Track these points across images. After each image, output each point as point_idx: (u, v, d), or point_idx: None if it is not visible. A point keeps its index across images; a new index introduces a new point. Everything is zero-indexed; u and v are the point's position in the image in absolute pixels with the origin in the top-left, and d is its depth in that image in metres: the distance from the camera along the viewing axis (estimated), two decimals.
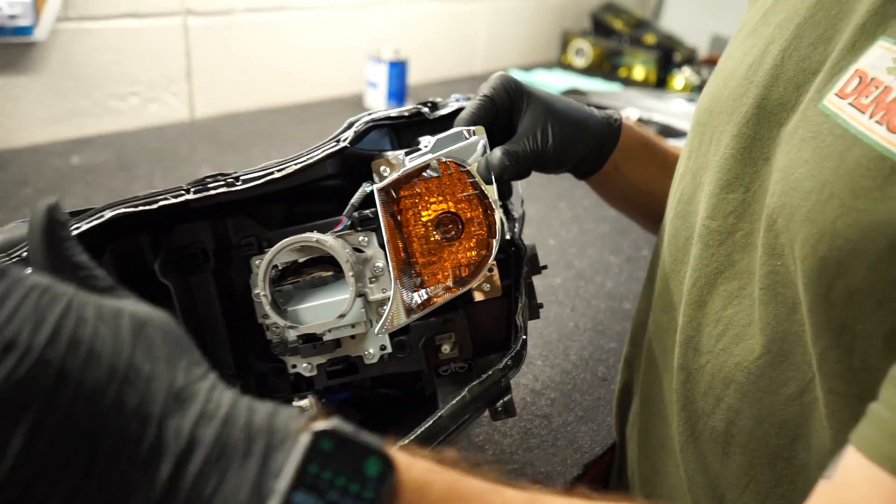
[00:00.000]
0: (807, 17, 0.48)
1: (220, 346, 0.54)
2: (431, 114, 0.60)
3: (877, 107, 0.40)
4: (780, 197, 0.45)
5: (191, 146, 1.26)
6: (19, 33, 1.11)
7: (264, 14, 1.45)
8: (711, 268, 0.52)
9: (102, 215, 0.46)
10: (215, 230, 0.54)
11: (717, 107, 0.54)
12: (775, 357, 0.47)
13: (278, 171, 0.50)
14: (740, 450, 0.51)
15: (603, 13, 2.21)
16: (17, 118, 1.18)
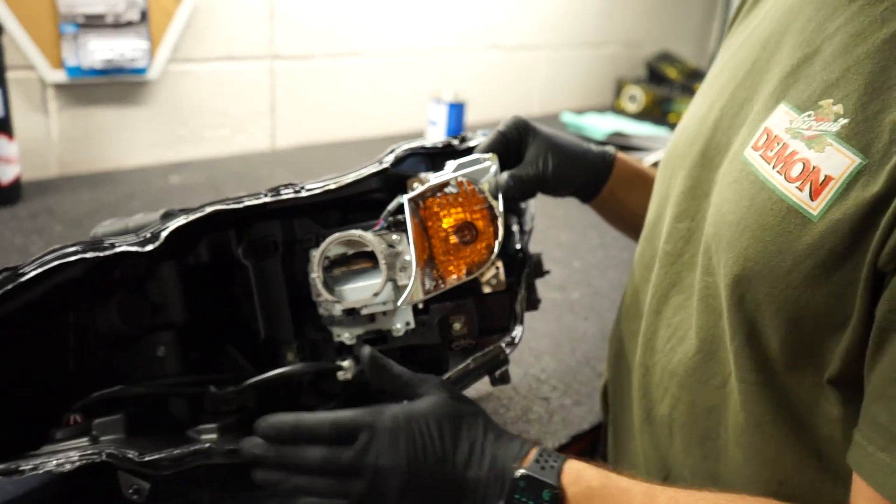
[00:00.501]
0: (739, 82, 0.60)
1: (283, 317, 0.69)
2: (460, 145, 0.73)
3: (777, 159, 0.52)
4: (712, 227, 0.57)
5: (270, 172, 1.45)
6: (136, 73, 1.33)
7: (340, 59, 1.64)
8: (666, 283, 0.65)
9: (204, 210, 0.62)
10: (284, 227, 0.69)
11: (676, 150, 0.67)
12: (705, 355, 0.59)
13: (334, 183, 0.66)
14: (679, 431, 0.63)
15: (658, 62, 2.34)
16: (129, 143, 1.39)
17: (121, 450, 0.55)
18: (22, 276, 0.54)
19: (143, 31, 1.31)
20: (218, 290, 0.70)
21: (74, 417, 0.61)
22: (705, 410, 0.60)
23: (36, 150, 1.28)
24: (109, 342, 0.65)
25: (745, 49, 0.62)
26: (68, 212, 1.17)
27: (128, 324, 0.65)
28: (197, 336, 0.68)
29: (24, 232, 1.08)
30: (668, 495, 0.54)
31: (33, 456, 0.56)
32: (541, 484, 0.53)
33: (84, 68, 1.27)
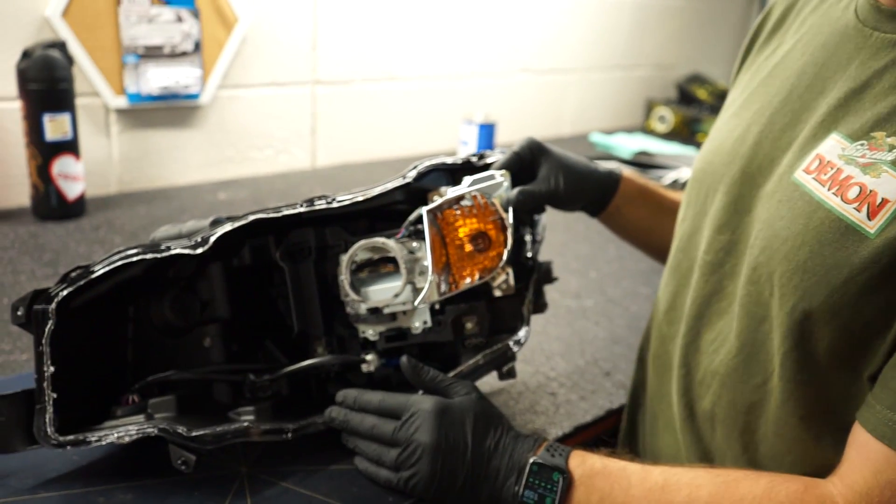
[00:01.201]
0: (777, 108, 0.67)
1: (314, 314, 0.77)
2: (478, 162, 0.80)
3: (832, 182, 0.59)
4: (763, 241, 0.63)
5: (310, 189, 1.56)
6: (189, 98, 1.45)
7: (377, 83, 1.75)
8: (707, 290, 0.71)
9: (247, 218, 0.70)
10: (317, 234, 0.77)
11: (710, 168, 0.73)
12: (746, 357, 0.66)
13: (362, 195, 0.73)
14: (721, 425, 0.69)
15: (688, 83, 2.39)
16: (182, 163, 1.51)
17: (172, 426, 0.64)
18: (92, 273, 0.63)
19: (196, 60, 1.43)
20: (257, 290, 0.79)
21: (132, 398, 0.70)
22: (745, 406, 0.66)
23: (98, 170, 1.41)
24: (162, 333, 0.74)
25: (778, 77, 0.68)
26: (126, 225, 1.28)
27: (178, 317, 0.74)
28: (238, 330, 0.77)
29: (87, 242, 1.20)
30: (660, 470, 0.62)
31: (98, 429, 0.66)
32: (551, 468, 0.63)
33: (143, 95, 1.39)
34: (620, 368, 0.94)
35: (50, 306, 0.61)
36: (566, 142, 2.16)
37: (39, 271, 1.07)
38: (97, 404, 0.70)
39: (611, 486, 0.62)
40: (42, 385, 0.61)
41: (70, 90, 1.23)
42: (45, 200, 1.26)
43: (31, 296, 0.61)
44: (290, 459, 0.71)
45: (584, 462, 0.64)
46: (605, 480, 0.63)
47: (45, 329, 0.61)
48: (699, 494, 0.59)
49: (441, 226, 0.73)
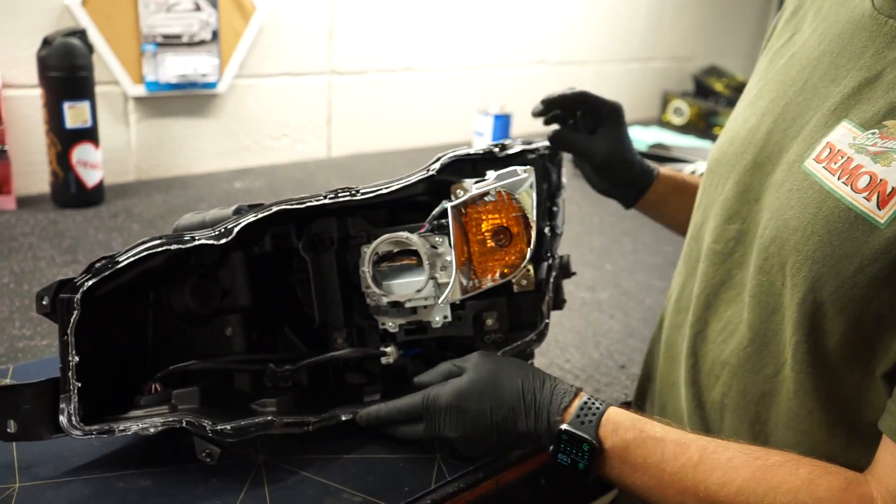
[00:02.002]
0: (792, 98, 0.66)
1: (335, 305, 0.77)
2: (500, 153, 0.78)
3: (843, 171, 0.58)
4: (772, 231, 0.63)
5: (326, 179, 1.56)
6: (207, 87, 1.46)
7: (393, 74, 1.75)
8: (716, 280, 0.71)
9: (271, 209, 0.70)
10: (339, 225, 0.77)
11: (723, 158, 0.72)
12: (757, 347, 0.65)
13: (385, 188, 0.72)
14: (731, 415, 0.69)
15: (705, 76, 2.38)
16: (199, 151, 1.52)
17: (198, 419, 0.64)
18: (117, 263, 0.64)
19: (214, 49, 1.44)
20: (277, 278, 0.79)
21: (155, 386, 0.71)
22: (756, 397, 0.66)
23: (116, 157, 1.42)
24: (183, 320, 0.75)
25: (795, 67, 0.68)
26: (144, 212, 1.29)
27: (199, 305, 0.75)
28: (259, 318, 0.77)
29: (105, 230, 1.21)
30: (699, 444, 0.61)
31: (123, 419, 0.66)
32: (580, 438, 0.62)
33: (161, 83, 1.40)
34: (635, 361, 0.95)
35: (76, 296, 0.62)
36: None
37: (59, 258, 1.08)
38: (120, 391, 0.71)
39: (644, 458, 0.61)
40: (67, 374, 0.62)
41: (90, 78, 1.24)
42: (64, 188, 1.27)
43: (56, 285, 0.62)
44: (307, 448, 0.72)
45: (616, 431, 0.62)
46: (639, 451, 0.61)
47: (70, 319, 0.61)
48: (733, 477, 0.58)
49: (464, 221, 0.73)
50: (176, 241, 0.66)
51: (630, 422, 0.63)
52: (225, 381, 0.75)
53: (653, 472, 0.61)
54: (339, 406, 0.73)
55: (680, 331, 0.77)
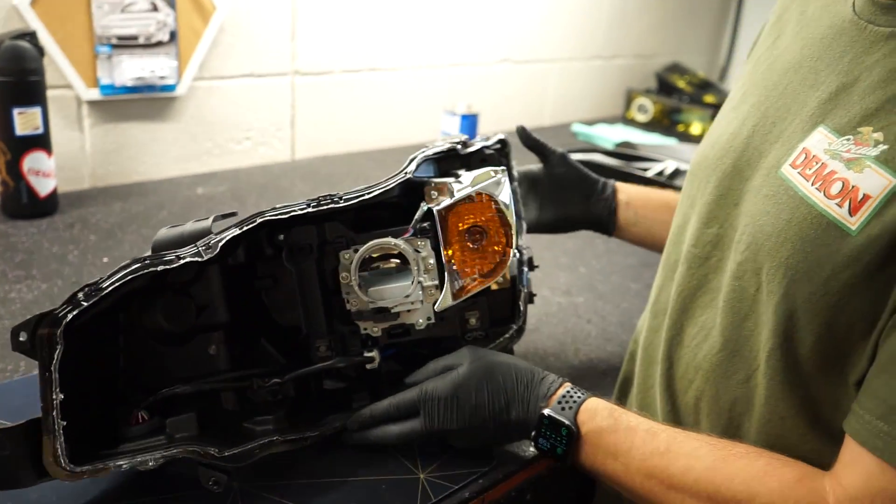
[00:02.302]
0: (772, 102, 0.66)
1: (317, 313, 0.74)
2: (462, 150, 0.79)
3: (816, 177, 0.57)
4: (748, 236, 0.62)
5: (291, 182, 1.52)
6: (166, 90, 1.41)
7: (357, 74, 1.71)
8: (692, 284, 0.70)
9: (255, 221, 0.66)
10: (318, 231, 0.74)
11: (704, 162, 0.72)
12: (729, 353, 0.65)
13: (367, 193, 0.71)
14: (706, 419, 0.69)
15: (668, 73, 2.39)
16: (158, 156, 1.47)
17: (202, 447, 0.62)
18: (101, 290, 0.59)
19: (172, 51, 1.39)
20: (245, 288, 0.75)
21: (141, 415, 0.67)
22: (728, 402, 0.66)
23: (70, 164, 1.36)
24: (159, 341, 0.70)
25: (776, 72, 0.67)
26: (101, 222, 1.24)
27: (174, 324, 0.70)
28: (238, 333, 0.74)
29: (61, 241, 1.15)
30: (668, 434, 0.63)
31: (116, 454, 0.62)
32: (559, 423, 0.66)
33: (116, 86, 1.35)
34: (616, 367, 0.93)
35: (58, 330, 0.57)
36: (547, 131, 2.14)
37: (11, 273, 1.03)
38: (98, 421, 0.67)
39: (615, 445, 0.64)
40: (52, 414, 0.57)
41: (41, 82, 1.18)
42: (15, 198, 1.21)
43: (35, 320, 0.57)
44: (284, 473, 0.69)
45: (593, 418, 0.66)
46: (611, 437, 0.65)
47: (53, 355, 0.56)
48: (695, 465, 0.60)
49: (445, 225, 0.73)
50: (161, 261, 0.62)
51: (607, 411, 0.66)
52: (212, 402, 0.72)
53: (623, 459, 0.63)
54: (329, 415, 0.72)
55: (657, 334, 0.76)
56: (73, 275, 1.04)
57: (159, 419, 0.67)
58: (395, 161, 1.74)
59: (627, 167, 1.58)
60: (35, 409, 0.58)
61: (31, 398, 0.60)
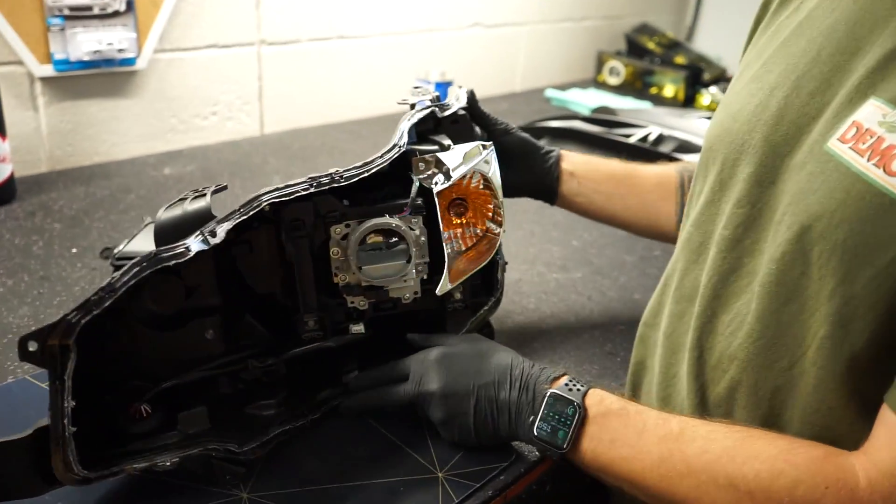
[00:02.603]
0: (804, 71, 0.61)
1: (310, 290, 0.70)
2: (441, 113, 0.79)
3: (873, 152, 0.53)
4: (792, 217, 0.57)
5: (263, 158, 1.45)
6: (125, 64, 1.32)
7: (326, 42, 1.63)
8: (725, 268, 0.65)
9: (259, 203, 0.63)
10: (313, 206, 0.70)
11: (727, 137, 0.67)
12: (769, 340, 0.61)
13: (366, 171, 0.69)
14: (740, 411, 0.65)
15: (637, 34, 2.35)
16: (120, 135, 1.38)
17: (221, 444, 0.62)
18: (116, 291, 0.56)
19: (130, 22, 1.29)
20: (226, 258, 0.71)
21: (144, 409, 0.64)
22: (769, 391, 0.62)
23: (25, 147, 1.27)
24: (147, 325, 0.66)
25: (804, 37, 0.62)
26: (65, 208, 1.16)
27: (160, 305, 0.66)
28: (229, 311, 0.70)
29: (23, 232, 1.07)
30: (679, 419, 0.62)
31: (128, 456, 0.60)
32: (566, 401, 0.64)
33: (72, 61, 1.25)
34: (621, 346, 0.91)
35: (71, 340, 0.54)
36: (519, 98, 2.09)
37: None
38: (102, 418, 0.64)
39: (624, 427, 0.62)
40: (62, 421, 0.54)
41: None
42: None
43: (47, 329, 0.53)
44: (295, 479, 0.65)
45: (601, 401, 0.64)
46: (620, 420, 0.63)
47: (67, 364, 0.54)
48: (712, 448, 0.58)
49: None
50: (172, 255, 0.59)
51: (615, 397, 0.65)
52: (207, 387, 0.69)
53: (632, 442, 0.61)
54: (322, 391, 0.72)
55: (682, 320, 0.72)
56: (39, 268, 0.97)
57: (163, 412, 0.64)
58: (369, 132, 1.69)
59: (609, 134, 1.55)
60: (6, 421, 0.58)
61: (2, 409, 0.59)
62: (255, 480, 0.65)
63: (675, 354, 0.73)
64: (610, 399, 0.64)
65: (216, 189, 0.67)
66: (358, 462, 0.68)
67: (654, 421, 0.61)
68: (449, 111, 0.80)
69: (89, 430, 0.59)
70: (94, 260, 1.00)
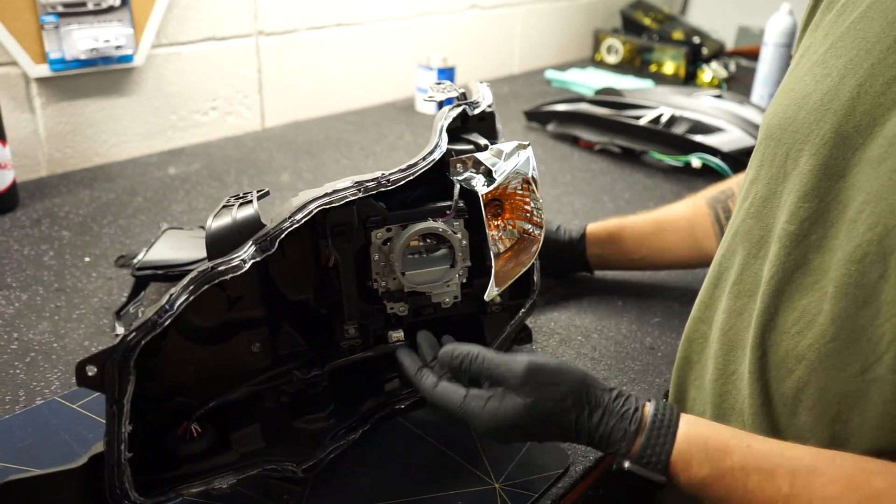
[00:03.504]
0: (880, 58, 0.57)
1: (353, 296, 0.68)
2: (471, 111, 0.76)
3: None
4: (872, 216, 0.55)
5: (268, 154, 1.41)
6: (122, 61, 1.27)
7: (324, 31, 1.59)
8: (789, 264, 0.62)
9: (309, 210, 0.61)
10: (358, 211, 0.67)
11: (791, 126, 0.64)
12: (843, 343, 0.58)
13: (410, 174, 0.66)
14: (806, 412, 0.62)
15: (631, 10, 2.31)
16: (119, 134, 1.33)
17: (280, 464, 0.60)
18: (176, 310, 0.54)
19: (125, 17, 1.24)
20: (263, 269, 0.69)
21: (194, 428, 0.61)
22: (838, 395, 0.60)
23: (23, 151, 1.22)
24: (191, 339, 0.63)
25: (877, 20, 0.59)
26: (71, 214, 1.12)
27: (204, 318, 0.63)
28: (273, 322, 0.68)
29: (31, 241, 1.03)
30: (786, 469, 0.56)
31: (186, 479, 0.58)
32: (646, 478, 0.57)
33: (68, 60, 1.21)
34: (661, 341, 0.89)
35: (131, 362, 0.52)
36: (518, 80, 2.06)
37: None
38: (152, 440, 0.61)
39: (723, 494, 0.57)
40: (118, 447, 0.52)
41: None
42: None
43: (106, 353, 0.51)
44: (345, 498, 0.63)
45: (687, 469, 0.58)
46: (715, 487, 0.57)
47: (126, 388, 0.52)
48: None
49: None
50: (229, 268, 0.57)
51: (703, 454, 0.58)
52: (253, 402, 0.67)
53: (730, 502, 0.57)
54: (366, 402, 0.69)
55: (742, 317, 0.70)
56: (54, 280, 0.94)
57: (212, 431, 0.62)
58: (371, 122, 1.65)
59: (618, 116, 1.52)
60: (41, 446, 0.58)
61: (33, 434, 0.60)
62: (308, 499, 0.63)
63: (734, 351, 0.71)
64: (698, 461, 0.58)
65: (260, 195, 0.64)
66: (412, 476, 0.66)
67: (756, 481, 0.56)
68: (478, 109, 0.77)
69: (141, 453, 0.56)
70: (109, 269, 0.97)
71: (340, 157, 1.43)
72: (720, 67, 2.06)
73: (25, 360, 0.78)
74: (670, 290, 1.00)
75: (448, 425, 0.72)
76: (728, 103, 1.53)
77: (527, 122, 1.65)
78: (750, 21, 2.38)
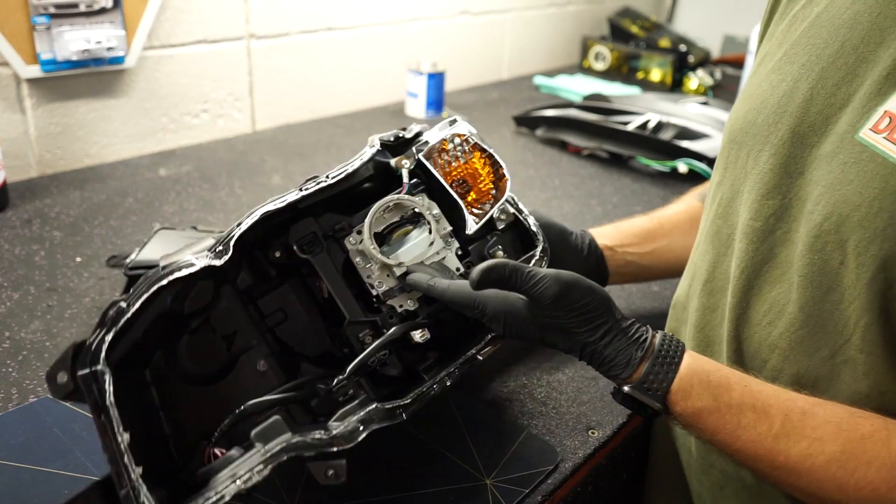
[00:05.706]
0: (829, 62, 0.61)
1: (349, 301, 0.67)
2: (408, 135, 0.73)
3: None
4: (826, 207, 0.58)
5: (259, 157, 1.42)
6: (113, 62, 1.27)
7: (315, 35, 1.60)
8: (757, 259, 0.66)
9: (254, 214, 0.60)
10: (315, 221, 0.68)
11: (751, 129, 0.67)
12: (812, 329, 0.61)
13: (349, 166, 0.66)
14: None
15: (619, 18, 2.34)
16: (110, 136, 1.34)
17: (303, 439, 0.55)
18: (132, 305, 0.53)
19: (117, 18, 1.25)
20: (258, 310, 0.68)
21: (215, 451, 0.59)
22: (811, 380, 0.63)
23: (13, 151, 1.22)
24: (193, 384, 0.62)
25: (825, 28, 0.62)
26: (62, 215, 1.12)
27: (203, 365, 0.62)
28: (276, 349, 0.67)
29: (21, 241, 1.03)
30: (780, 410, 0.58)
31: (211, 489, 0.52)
32: (643, 404, 0.59)
33: (59, 61, 1.21)
34: None
35: (99, 361, 0.49)
36: (507, 85, 2.08)
37: None
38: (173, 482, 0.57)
39: (715, 427, 0.59)
40: (122, 461, 0.48)
41: None
42: None
43: (70, 354, 0.48)
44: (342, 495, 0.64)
45: (687, 397, 0.59)
46: (710, 419, 0.59)
47: (103, 388, 0.48)
48: (820, 450, 0.56)
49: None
50: (179, 266, 0.56)
51: (704, 386, 0.59)
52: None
53: (726, 439, 0.59)
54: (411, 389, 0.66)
55: (715, 313, 0.72)
56: (45, 279, 0.94)
57: (237, 449, 0.58)
58: (362, 126, 1.66)
59: (606, 122, 1.54)
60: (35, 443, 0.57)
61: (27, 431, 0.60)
62: (301, 494, 0.64)
63: (711, 346, 0.73)
64: (696, 393, 0.59)
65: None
66: (404, 472, 0.67)
67: (749, 418, 0.58)
68: (411, 133, 0.74)
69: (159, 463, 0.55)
70: (100, 269, 0.97)
71: (331, 159, 1.43)
72: (706, 75, 2.09)
73: (17, 359, 0.78)
74: (657, 293, 1.02)
75: (439, 422, 0.72)
76: (714, 110, 1.56)
77: (516, 128, 1.67)
78: (735, 30, 2.41)
